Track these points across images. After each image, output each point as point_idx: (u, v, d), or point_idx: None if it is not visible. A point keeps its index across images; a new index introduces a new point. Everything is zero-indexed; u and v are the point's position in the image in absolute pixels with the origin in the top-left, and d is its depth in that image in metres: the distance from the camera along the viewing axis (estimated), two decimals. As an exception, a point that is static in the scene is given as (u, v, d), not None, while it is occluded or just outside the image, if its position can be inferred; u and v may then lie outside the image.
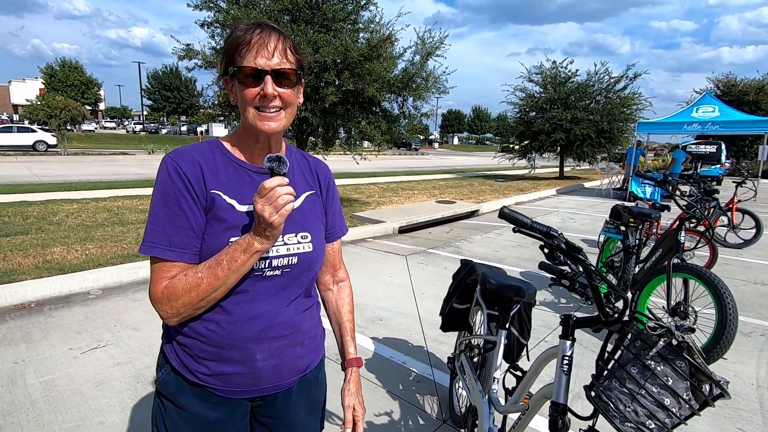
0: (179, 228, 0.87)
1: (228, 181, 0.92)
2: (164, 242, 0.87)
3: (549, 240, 1.05)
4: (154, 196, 0.89)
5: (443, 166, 26.60)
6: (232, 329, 0.91)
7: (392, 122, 7.85)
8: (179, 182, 0.87)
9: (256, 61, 0.86)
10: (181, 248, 0.88)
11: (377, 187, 12.44)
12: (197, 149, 0.94)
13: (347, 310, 1.21)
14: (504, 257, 5.63)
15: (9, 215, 6.37)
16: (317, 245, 1.01)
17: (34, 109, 22.09)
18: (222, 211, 0.90)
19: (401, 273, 4.80)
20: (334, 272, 1.21)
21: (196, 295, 0.85)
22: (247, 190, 0.93)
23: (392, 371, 2.73)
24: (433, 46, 7.42)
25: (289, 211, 0.83)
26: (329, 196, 1.11)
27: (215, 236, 0.89)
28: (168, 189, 0.87)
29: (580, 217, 9.06)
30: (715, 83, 24.15)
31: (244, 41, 0.87)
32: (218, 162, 0.93)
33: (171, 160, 0.89)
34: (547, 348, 1.34)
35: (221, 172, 0.92)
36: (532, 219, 1.10)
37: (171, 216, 0.87)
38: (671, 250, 3.04)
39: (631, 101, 15.16)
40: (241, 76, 0.87)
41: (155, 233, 0.87)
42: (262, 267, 0.91)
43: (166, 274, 0.88)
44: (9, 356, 2.73)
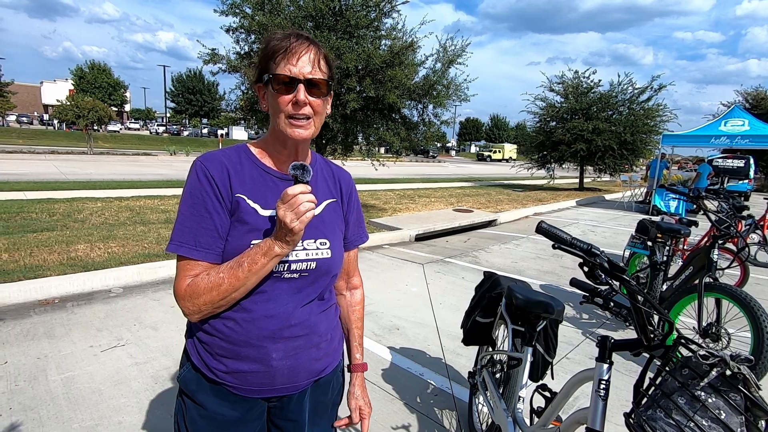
0: (205, 229, 0.91)
1: (253, 185, 0.95)
2: (190, 242, 0.90)
3: (591, 258, 1.00)
4: (183, 197, 0.92)
5: (460, 174, 26.45)
6: (249, 327, 0.93)
7: (411, 129, 7.83)
8: (207, 185, 0.91)
9: (289, 69, 0.89)
10: (206, 248, 0.91)
11: (394, 193, 12.42)
12: (225, 154, 0.96)
13: (357, 316, 1.23)
14: (523, 269, 5.52)
15: (36, 212, 6.55)
16: (335, 252, 1.03)
17: (64, 109, 22.83)
18: (245, 215, 0.93)
19: (418, 281, 4.74)
20: (348, 279, 1.23)
21: (216, 294, 0.88)
22: (270, 195, 0.96)
23: (409, 383, 2.68)
24: (455, 54, 7.40)
25: (309, 218, 0.85)
26: (350, 205, 1.13)
27: (238, 238, 0.92)
28: (196, 191, 0.91)
29: (601, 230, 8.86)
30: (743, 96, 23.48)
31: (280, 49, 0.90)
32: (245, 167, 0.96)
33: (200, 164, 0.93)
34: (580, 370, 1.28)
35: (247, 176, 0.95)
36: (571, 235, 1.06)
37: (198, 217, 0.90)
38: (703, 268, 2.92)
39: (656, 113, 14.83)
40: (275, 83, 0.90)
41: (182, 233, 0.91)
42: (281, 270, 0.94)
43: (190, 272, 0.91)
44: (32, 351, 2.77)
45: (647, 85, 15.03)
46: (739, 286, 4.28)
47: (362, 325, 1.24)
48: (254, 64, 0.94)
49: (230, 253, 0.92)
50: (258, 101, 5.34)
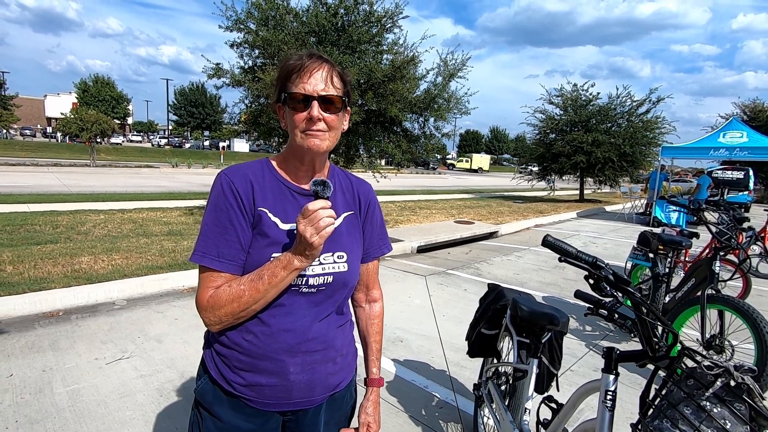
0: (228, 240, 0.93)
1: (273, 199, 0.98)
2: (213, 253, 0.93)
3: (596, 271, 1.03)
4: (208, 208, 0.96)
5: (460, 185, 26.55)
6: (267, 340, 0.95)
7: (413, 141, 7.92)
8: (231, 198, 0.94)
9: (303, 87, 0.93)
10: (228, 260, 0.93)
11: (395, 205, 12.47)
12: (250, 168, 1.00)
13: (375, 330, 1.24)
14: (525, 281, 5.53)
15: (40, 224, 6.59)
16: (352, 265, 1.04)
17: (67, 123, 23.01)
18: (267, 228, 0.95)
19: (421, 293, 4.75)
20: (368, 291, 1.24)
21: (237, 306, 0.90)
22: (291, 210, 0.98)
23: (414, 395, 2.68)
24: (455, 68, 7.51)
25: (329, 233, 0.88)
26: (369, 217, 1.14)
27: (258, 251, 0.95)
28: (220, 203, 0.94)
29: (602, 242, 8.87)
30: (741, 108, 23.69)
31: (294, 69, 0.94)
32: (267, 181, 0.99)
33: (225, 176, 0.96)
34: (586, 382, 1.29)
35: (269, 190, 0.99)
36: (577, 248, 1.09)
37: (221, 228, 0.93)
38: (705, 280, 2.94)
39: (654, 125, 14.96)
40: (291, 101, 0.94)
41: (206, 244, 0.93)
42: (299, 284, 0.96)
43: (213, 284, 0.93)
44: (37, 364, 2.78)
45: (645, 98, 15.21)
46: (741, 297, 4.28)
47: (381, 338, 1.24)
48: (260, 79, 0.99)
49: (251, 265, 0.94)
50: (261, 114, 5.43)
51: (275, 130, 7.20)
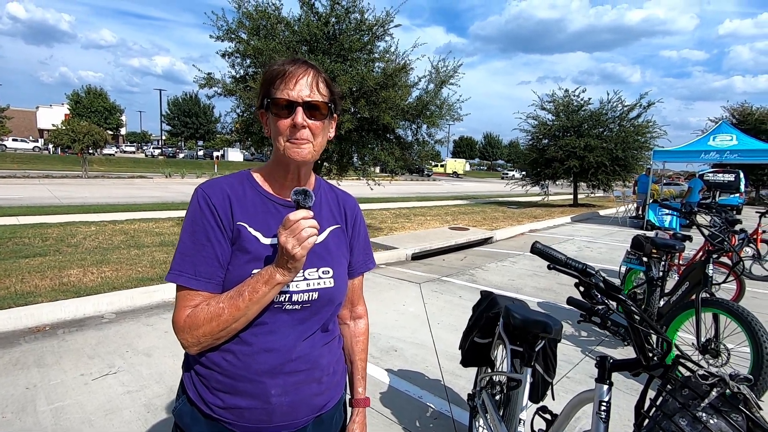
0: (205, 258, 0.89)
1: (255, 213, 0.94)
2: (190, 271, 0.89)
3: (586, 278, 1.00)
4: (184, 225, 0.92)
5: (455, 192, 26.60)
6: (248, 361, 0.91)
7: (406, 149, 7.92)
8: (208, 213, 0.90)
9: (287, 93, 0.89)
10: (206, 278, 0.89)
11: (389, 212, 12.44)
12: (228, 181, 0.96)
13: (360, 347, 1.19)
14: (520, 287, 5.50)
15: (29, 237, 6.49)
16: (339, 280, 1.00)
17: (59, 134, 22.87)
18: (247, 243, 0.91)
19: (415, 301, 4.70)
20: (353, 307, 1.19)
21: (216, 325, 0.86)
22: (273, 223, 0.94)
23: (408, 406, 2.63)
24: (447, 75, 7.55)
25: (311, 244, 0.84)
26: (355, 231, 1.10)
27: (239, 267, 0.91)
28: (197, 219, 0.90)
29: (596, 246, 8.88)
30: (730, 112, 24.02)
31: (279, 74, 0.91)
32: (247, 194, 0.95)
33: (202, 191, 0.92)
34: (580, 391, 1.26)
35: (249, 203, 0.95)
36: (566, 255, 1.06)
37: (198, 245, 0.89)
38: (699, 283, 2.93)
39: (645, 129, 15.11)
40: (274, 108, 0.90)
41: (182, 261, 0.90)
42: (282, 301, 0.92)
43: (190, 303, 0.89)
44: (21, 381, 2.70)
45: (636, 102, 15.38)
46: (735, 300, 4.28)
47: (366, 356, 1.19)
48: (251, 88, 0.96)
49: (231, 282, 0.90)
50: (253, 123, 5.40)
51: (267, 139, 7.17)
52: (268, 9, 6.91)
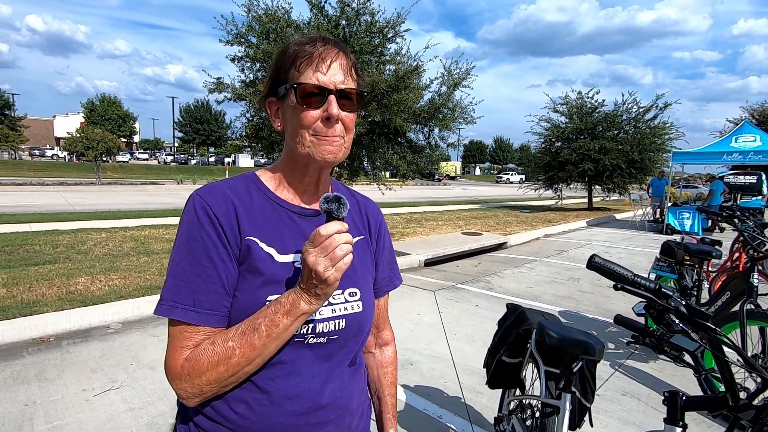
0: (206, 283, 0.70)
1: (266, 225, 0.76)
2: (187, 301, 0.70)
3: (662, 301, 0.82)
4: (178, 242, 0.72)
5: (466, 196, 26.33)
6: (266, 413, 0.72)
7: (417, 152, 7.75)
8: (209, 226, 0.71)
9: (318, 77, 0.73)
10: (208, 309, 0.70)
11: (401, 217, 12.27)
12: (230, 185, 0.77)
13: (389, 380, 1.00)
14: (539, 294, 5.28)
15: (40, 244, 6.45)
16: (367, 303, 0.83)
17: (74, 141, 23.22)
18: (259, 262, 0.73)
19: (430, 310, 4.52)
20: (378, 333, 1.02)
21: (225, 370, 0.68)
22: (289, 236, 0.77)
23: (428, 427, 2.44)
24: (459, 77, 7.38)
25: (347, 265, 0.67)
26: (380, 243, 0.93)
27: (250, 293, 0.72)
28: (195, 234, 0.71)
29: (615, 251, 8.59)
30: (749, 112, 23.42)
31: (304, 54, 0.73)
32: (255, 201, 0.77)
33: (200, 198, 0.73)
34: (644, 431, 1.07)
35: (258, 213, 0.76)
36: (632, 271, 0.88)
37: (197, 267, 0.70)
38: (742, 293, 2.70)
39: (662, 131, 14.73)
40: (300, 95, 0.73)
41: (177, 289, 0.70)
42: (304, 333, 0.74)
43: (188, 342, 0.70)
44: (20, 397, 2.58)
45: (652, 104, 15.00)
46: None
47: (395, 391, 1.01)
48: (261, 93, 0.77)
49: (239, 312, 0.72)
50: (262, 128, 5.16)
51: (277, 143, 7.08)
52: (278, 12, 6.83)
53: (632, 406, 2.70)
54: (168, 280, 0.71)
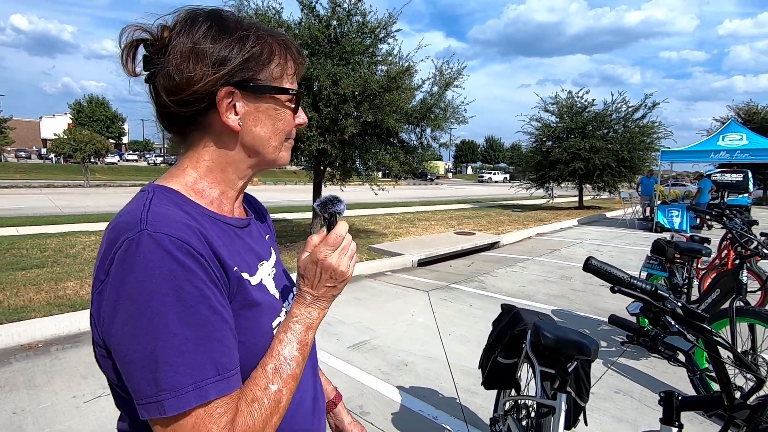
0: (222, 339, 0.57)
1: (230, 248, 0.66)
2: (211, 373, 0.55)
3: (658, 302, 0.82)
4: (161, 305, 0.53)
5: (458, 195, 26.42)
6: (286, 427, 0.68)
7: (410, 153, 7.75)
8: (198, 268, 0.56)
9: (293, 82, 0.72)
10: (235, 368, 0.58)
11: (393, 217, 12.27)
12: (179, 214, 0.60)
13: None
14: (532, 293, 5.31)
15: (27, 248, 6.35)
16: None
17: (61, 143, 22.88)
18: (252, 293, 0.66)
19: (424, 311, 4.52)
20: None
21: (278, 419, 0.61)
22: (245, 255, 0.69)
23: (423, 428, 2.44)
24: (451, 77, 7.39)
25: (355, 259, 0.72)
26: (274, 236, 0.89)
27: (257, 330, 0.65)
28: (185, 285, 0.54)
29: (606, 249, 8.68)
30: (735, 111, 23.81)
31: (294, 57, 0.71)
32: (207, 224, 0.64)
33: (168, 237, 0.55)
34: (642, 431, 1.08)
35: (217, 238, 0.64)
36: (628, 273, 0.89)
37: (205, 326, 0.55)
38: (731, 291, 2.74)
39: (651, 130, 14.92)
40: (285, 98, 0.70)
41: (193, 364, 0.53)
42: None
43: (223, 418, 0.55)
44: (9, 405, 2.53)
45: (641, 103, 15.18)
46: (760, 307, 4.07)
47: None
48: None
49: (252, 358, 0.63)
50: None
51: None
52: (269, 13, 6.79)
53: (625, 403, 2.73)
54: (168, 358, 0.52)
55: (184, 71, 0.61)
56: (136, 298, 0.52)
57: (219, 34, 0.64)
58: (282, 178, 35.38)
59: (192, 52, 0.61)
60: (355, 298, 4.90)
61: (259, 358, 0.63)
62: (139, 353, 0.52)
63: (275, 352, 0.64)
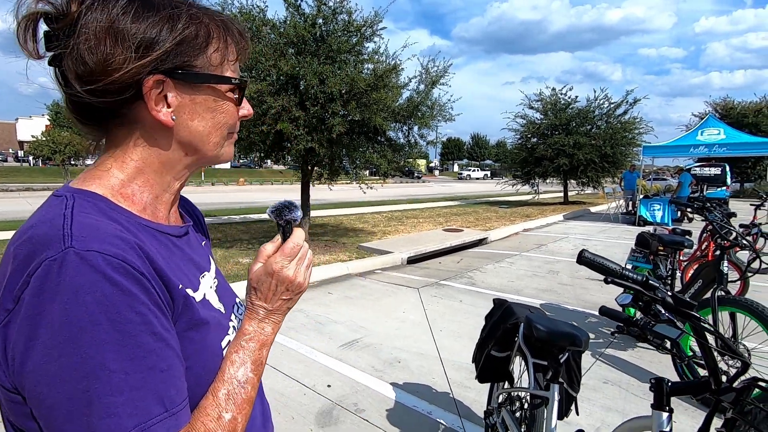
0: (168, 369, 0.49)
1: (167, 262, 0.56)
2: (157, 409, 0.47)
3: (649, 292, 0.86)
4: (93, 339, 0.44)
5: (445, 193, 26.57)
6: None
7: (397, 151, 7.78)
8: (139, 290, 0.48)
9: (237, 71, 0.64)
10: (182, 401, 0.51)
11: (382, 216, 12.29)
12: (110, 225, 0.51)
13: None
14: (520, 288, 5.38)
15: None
16: None
17: (39, 145, 22.31)
18: (199, 311, 0.58)
19: (415, 308, 4.55)
20: None
21: None
22: (185, 267, 0.61)
23: (418, 424, 2.46)
24: (437, 75, 7.43)
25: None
26: (209, 242, 0.81)
27: (205, 352, 0.57)
28: (125, 312, 0.46)
29: (592, 243, 8.83)
30: (713, 106, 24.44)
31: (236, 40, 0.62)
32: (142, 234, 0.55)
33: (103, 256, 0.46)
34: (630, 418, 1.12)
35: (154, 250, 0.54)
36: (620, 265, 0.92)
37: (148, 357, 0.47)
38: (713, 281, 2.83)
39: (632, 126, 15.24)
40: (229, 88, 0.61)
41: (133, 405, 0.45)
42: None
43: None
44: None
45: (622, 99, 15.49)
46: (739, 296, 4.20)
47: None
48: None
49: (203, 384, 0.56)
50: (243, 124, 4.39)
51: (255, 144, 6.97)
52: (253, 11, 6.72)
53: (614, 393, 2.80)
54: (100, 404, 0.44)
55: (100, 55, 0.51)
56: (60, 330, 0.43)
57: (143, 10, 0.54)
58: (268, 178, 35.08)
59: (109, 33, 0.51)
60: (346, 296, 4.91)
61: (209, 384, 0.57)
62: (67, 395, 0.43)
63: (227, 376, 0.57)
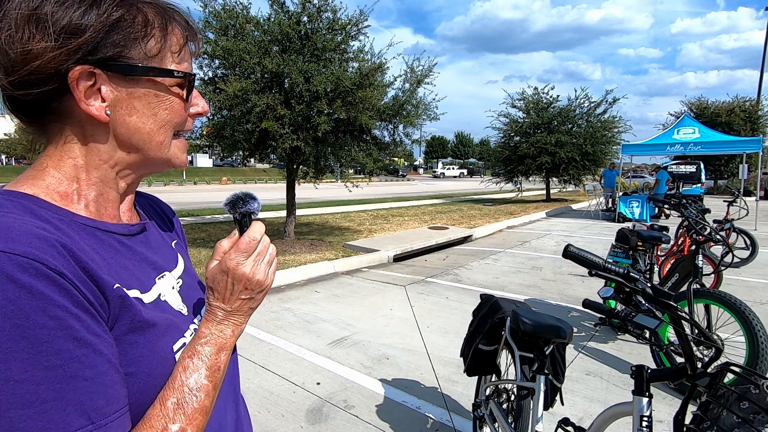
0: (96, 377, 0.44)
1: (105, 261, 0.52)
2: (78, 422, 0.42)
3: (630, 284, 0.90)
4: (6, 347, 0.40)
5: (430, 191, 26.73)
6: None
7: (383, 149, 7.81)
8: (55, 292, 0.43)
9: (188, 64, 0.59)
10: (118, 410, 0.46)
11: (367, 214, 12.31)
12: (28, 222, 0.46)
13: None
14: (505, 284, 5.48)
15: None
16: None
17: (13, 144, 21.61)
18: (144, 313, 0.53)
19: (402, 305, 4.59)
20: None
21: None
22: (134, 268, 0.57)
23: (407, 419, 2.50)
24: (422, 74, 7.48)
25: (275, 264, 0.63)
26: (184, 242, 0.78)
27: (150, 357, 0.52)
28: (35, 318, 0.41)
29: (573, 240, 9.03)
30: (688, 106, 25.15)
31: (181, 28, 0.57)
32: (74, 235, 0.50)
33: (10, 256, 0.41)
34: (612, 404, 1.17)
35: (89, 250, 0.51)
36: (603, 258, 0.96)
37: (67, 365, 0.42)
38: (689, 275, 2.94)
39: (612, 124, 15.61)
40: (173, 81, 0.56)
41: (45, 418, 0.40)
42: None
43: None
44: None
45: (602, 99, 15.84)
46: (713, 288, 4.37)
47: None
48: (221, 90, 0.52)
49: (150, 391, 0.51)
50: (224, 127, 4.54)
51: (240, 143, 6.91)
52: (236, 8, 6.65)
53: (596, 384, 2.89)
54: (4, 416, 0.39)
55: (18, 43, 0.47)
56: None
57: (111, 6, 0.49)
58: (252, 176, 34.71)
59: (29, 20, 0.47)
60: (334, 295, 4.92)
61: (157, 391, 0.52)
62: None
63: (177, 383, 0.52)
